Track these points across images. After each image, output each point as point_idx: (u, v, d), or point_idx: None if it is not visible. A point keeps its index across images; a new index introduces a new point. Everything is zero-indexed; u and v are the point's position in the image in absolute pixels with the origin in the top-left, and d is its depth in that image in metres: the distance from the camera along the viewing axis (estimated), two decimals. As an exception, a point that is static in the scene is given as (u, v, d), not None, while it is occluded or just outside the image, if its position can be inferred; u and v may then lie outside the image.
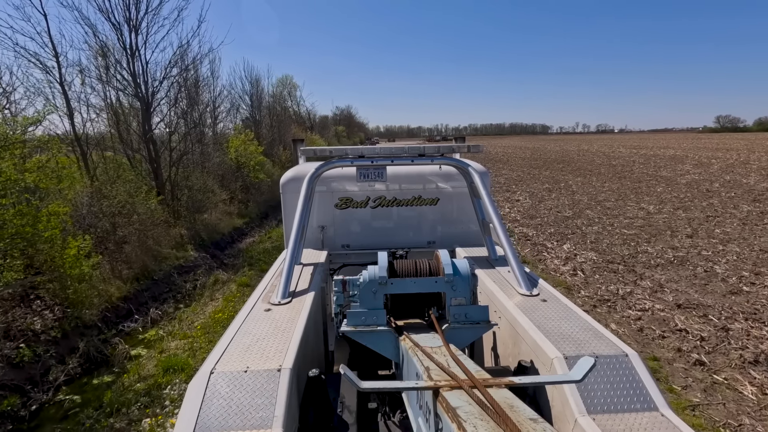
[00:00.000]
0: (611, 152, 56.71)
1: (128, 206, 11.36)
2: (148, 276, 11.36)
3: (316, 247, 4.53)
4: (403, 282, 2.60)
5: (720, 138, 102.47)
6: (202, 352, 7.40)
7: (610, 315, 8.18)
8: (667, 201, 19.86)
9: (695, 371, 6.27)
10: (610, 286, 9.53)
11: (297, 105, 62.32)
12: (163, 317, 9.78)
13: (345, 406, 2.45)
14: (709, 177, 28.01)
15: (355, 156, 3.79)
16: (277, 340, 2.40)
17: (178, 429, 1.84)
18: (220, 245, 15.63)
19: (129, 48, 14.76)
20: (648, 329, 7.52)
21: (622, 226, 15.13)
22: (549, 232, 14.69)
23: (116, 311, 9.55)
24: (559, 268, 10.96)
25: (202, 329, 8.33)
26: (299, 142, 5.21)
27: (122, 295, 9.98)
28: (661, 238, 13.38)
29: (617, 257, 11.63)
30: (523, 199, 21.75)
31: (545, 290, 3.16)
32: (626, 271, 10.53)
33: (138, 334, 9.02)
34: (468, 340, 2.61)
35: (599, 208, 18.79)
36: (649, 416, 1.98)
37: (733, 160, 39.49)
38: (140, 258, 11.47)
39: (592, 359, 1.65)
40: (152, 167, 16.22)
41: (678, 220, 15.81)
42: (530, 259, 11.81)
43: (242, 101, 35.14)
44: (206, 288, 11.46)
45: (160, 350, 7.74)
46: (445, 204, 4.77)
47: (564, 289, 9.51)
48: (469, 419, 1.41)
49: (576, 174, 32.13)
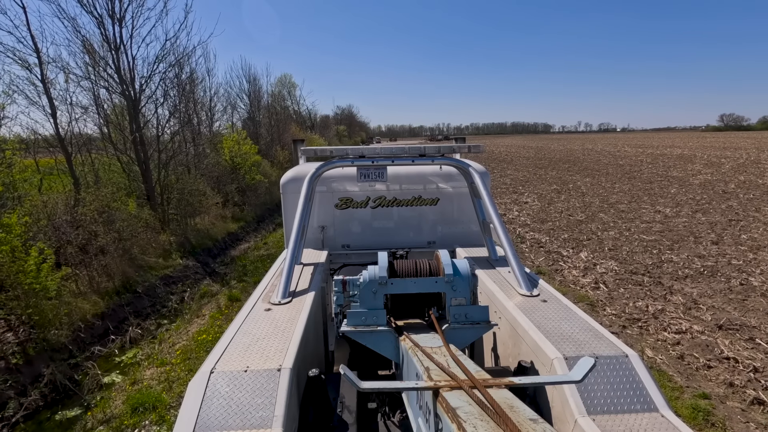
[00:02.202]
0: (617, 151, 55.71)
1: (106, 213, 10.43)
2: (130, 288, 10.44)
3: (317, 247, 4.49)
4: (403, 282, 2.58)
5: (725, 137, 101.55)
6: (180, 384, 6.47)
7: (642, 338, 7.24)
8: (684, 203, 18.89)
9: (755, 412, 5.33)
10: (638, 302, 8.59)
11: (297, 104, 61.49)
12: (143, 336, 8.87)
13: (345, 406, 2.43)
14: (723, 177, 27.05)
15: (356, 156, 3.76)
16: (277, 339, 2.40)
17: (178, 428, 1.81)
18: (212, 252, 14.70)
19: (113, 42, 13.84)
20: (690, 356, 6.58)
21: (640, 231, 14.18)
22: (563, 238, 13.73)
23: (91, 330, 8.63)
24: (579, 280, 10.01)
25: (182, 355, 7.39)
26: (299, 142, 5.12)
27: (99, 311, 9.06)
28: (684, 245, 12.43)
29: (640, 267, 10.68)
30: (531, 202, 20.79)
31: (545, 291, 3.12)
32: (653, 284, 9.58)
33: (114, 357, 8.12)
34: (468, 341, 2.59)
35: (613, 211, 17.83)
36: (649, 417, 1.96)
37: (744, 159, 38.52)
38: (122, 269, 10.55)
39: (592, 360, 1.63)
40: (141, 169, 15.32)
41: (699, 225, 14.84)
42: (546, 269, 10.85)
43: (240, 100, 34.27)
44: (194, 301, 10.56)
45: (132, 380, 6.80)
46: (446, 204, 4.73)
47: (587, 305, 8.56)
48: (469, 419, 1.40)
49: (584, 174, 31.14)
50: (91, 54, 14.10)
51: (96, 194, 10.38)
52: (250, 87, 34.70)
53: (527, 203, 20.55)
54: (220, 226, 16.97)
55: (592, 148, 66.85)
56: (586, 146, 72.44)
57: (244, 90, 34.53)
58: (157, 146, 15.33)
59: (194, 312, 9.73)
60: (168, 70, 15.91)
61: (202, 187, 17.05)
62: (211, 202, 17.40)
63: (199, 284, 11.78)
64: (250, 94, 34.73)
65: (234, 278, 11.92)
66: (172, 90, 16.87)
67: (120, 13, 13.71)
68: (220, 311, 9.27)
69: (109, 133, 15.45)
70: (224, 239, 16.21)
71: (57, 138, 13.78)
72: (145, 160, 15.18)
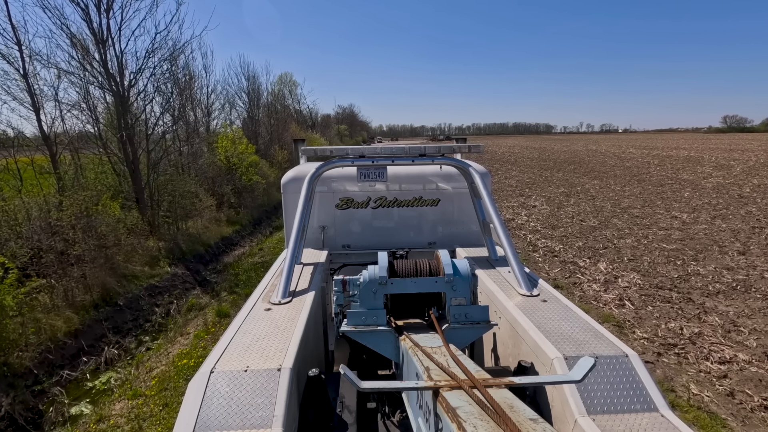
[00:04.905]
0: (621, 153, 54.81)
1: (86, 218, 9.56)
2: (111, 301, 9.58)
3: (317, 247, 4.47)
4: (403, 282, 2.57)
5: (729, 138, 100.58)
6: (152, 423, 5.59)
7: (682, 368, 6.37)
8: (700, 208, 18.02)
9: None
10: (670, 323, 7.72)
11: (298, 103, 60.62)
12: (121, 356, 8.02)
13: (345, 405, 2.41)
14: (735, 181, 26.19)
15: (356, 156, 3.75)
16: (277, 339, 2.38)
17: (178, 428, 1.80)
18: (204, 259, 13.83)
19: (100, 35, 12.98)
20: (741, 393, 5.72)
21: (659, 239, 13.31)
22: (577, 247, 12.86)
23: (62, 351, 7.78)
24: (600, 295, 9.14)
25: (158, 384, 6.51)
26: (300, 142, 5.03)
27: (72, 328, 8.21)
28: (709, 256, 11.56)
29: (666, 281, 9.82)
30: (540, 205, 19.91)
31: (545, 291, 3.11)
32: (682, 300, 8.72)
33: (86, 381, 7.28)
34: (468, 340, 2.57)
35: (626, 216, 16.96)
36: (649, 417, 1.94)
37: (753, 161, 37.64)
38: (102, 279, 9.70)
39: (592, 359, 1.62)
40: (129, 170, 14.46)
41: (720, 232, 13.97)
42: (563, 282, 9.98)
43: (239, 98, 33.40)
44: (180, 315, 9.70)
45: (99, 417, 5.92)
46: (446, 204, 4.71)
47: (613, 326, 7.70)
48: (469, 419, 1.39)
49: (591, 176, 30.26)
50: (76, 47, 13.26)
51: (74, 197, 9.51)
52: (249, 85, 33.85)
53: (535, 207, 19.68)
54: (213, 230, 16.11)
55: (596, 149, 65.93)
56: (590, 147, 71.51)
57: (242, 88, 33.68)
58: (146, 145, 14.45)
59: (179, 329, 8.86)
60: (159, 65, 15.03)
61: (195, 189, 16.19)
62: (204, 204, 16.54)
63: (187, 295, 10.93)
64: (249, 92, 33.88)
65: (225, 288, 11.05)
66: (164, 85, 16.01)
67: (107, 2, 12.85)
68: (206, 329, 8.38)
69: (99, 131, 14.63)
70: (218, 244, 15.34)
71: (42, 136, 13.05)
72: (134, 160, 14.32)
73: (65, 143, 13.70)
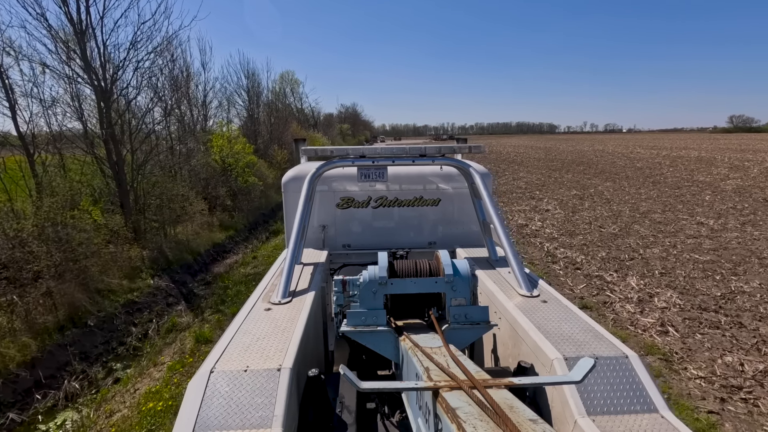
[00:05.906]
0: (630, 153, 53.49)
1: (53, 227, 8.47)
2: (80, 321, 8.48)
3: (317, 247, 4.45)
4: (403, 282, 2.56)
5: (737, 138, 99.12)
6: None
7: (753, 418, 5.22)
8: (726, 213, 16.83)
9: None
10: (726, 356, 6.57)
11: (299, 102, 59.53)
12: (83, 389, 6.93)
13: (344, 406, 2.39)
14: (755, 183, 24.97)
15: (356, 156, 3.75)
16: (277, 339, 2.37)
17: (178, 428, 1.79)
18: (192, 269, 12.71)
19: (78, 24, 11.89)
20: (839, 459, 4.57)
21: (690, 249, 12.13)
22: (600, 257, 11.70)
23: (13, 385, 6.69)
24: (637, 319, 7.98)
25: (116, 435, 5.39)
26: (301, 142, 5.00)
27: (28, 357, 7.12)
28: (750, 269, 10.39)
29: (708, 300, 8.66)
30: (553, 209, 18.74)
31: (545, 291, 3.08)
32: (733, 325, 7.57)
33: (38, 424, 6.18)
34: (468, 341, 2.56)
35: (648, 222, 15.78)
36: (649, 418, 1.93)
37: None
38: (71, 296, 8.60)
39: (592, 360, 1.60)
40: (113, 171, 13.38)
41: (756, 241, 12.79)
42: (590, 302, 8.81)
43: (238, 96, 32.31)
44: (159, 336, 8.60)
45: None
46: (446, 205, 4.72)
47: (660, 360, 6.55)
48: (469, 420, 1.38)
49: (603, 178, 29.03)
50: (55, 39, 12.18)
51: (38, 204, 8.41)
52: (249, 83, 32.76)
53: (548, 211, 18.51)
54: (204, 236, 15.00)
55: (603, 149, 64.60)
56: (596, 147, 70.15)
57: (242, 86, 32.59)
58: (131, 145, 13.36)
59: (153, 355, 7.75)
60: (145, 58, 13.93)
61: (185, 192, 15.08)
62: (195, 208, 15.44)
63: (170, 312, 9.82)
64: (249, 90, 32.79)
65: (210, 305, 9.93)
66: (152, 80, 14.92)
67: (86, -10, 11.75)
68: (182, 360, 7.24)
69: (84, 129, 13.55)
70: (208, 252, 14.23)
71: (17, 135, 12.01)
72: (118, 161, 13.24)
73: (44, 143, 12.64)
